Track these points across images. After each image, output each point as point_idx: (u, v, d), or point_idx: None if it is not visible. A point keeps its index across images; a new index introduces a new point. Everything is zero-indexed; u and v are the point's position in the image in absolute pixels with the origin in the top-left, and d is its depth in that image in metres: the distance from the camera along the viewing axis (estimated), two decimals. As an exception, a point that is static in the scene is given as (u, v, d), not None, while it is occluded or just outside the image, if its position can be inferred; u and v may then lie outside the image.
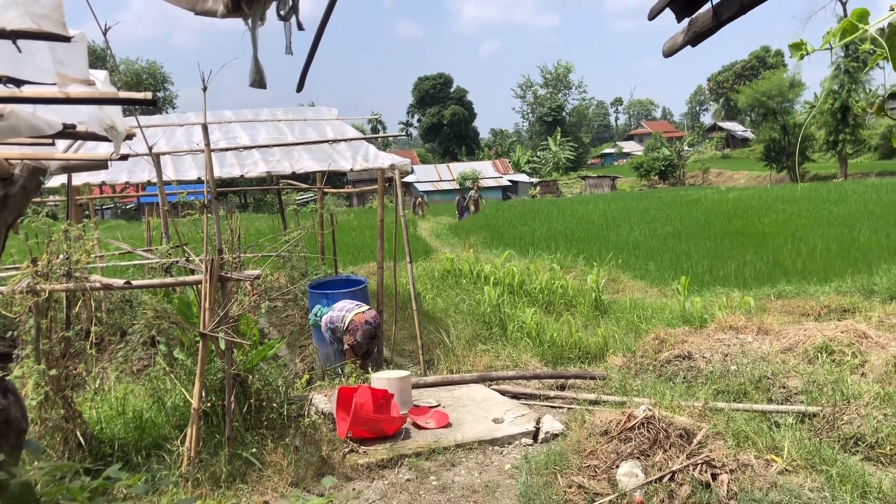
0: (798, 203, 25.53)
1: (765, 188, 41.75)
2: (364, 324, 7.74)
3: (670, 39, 2.03)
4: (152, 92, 3.06)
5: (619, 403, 6.24)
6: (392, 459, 5.52)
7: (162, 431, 5.72)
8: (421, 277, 14.04)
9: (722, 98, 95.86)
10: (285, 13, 1.27)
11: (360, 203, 57.12)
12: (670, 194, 41.17)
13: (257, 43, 1.22)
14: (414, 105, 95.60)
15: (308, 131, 9.98)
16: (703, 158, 74.64)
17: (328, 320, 8.04)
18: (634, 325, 9.72)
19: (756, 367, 6.92)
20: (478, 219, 30.86)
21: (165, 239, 7.09)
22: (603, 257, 14.75)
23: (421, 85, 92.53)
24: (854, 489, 4.65)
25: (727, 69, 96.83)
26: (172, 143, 9.22)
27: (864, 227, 17.72)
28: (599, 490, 4.71)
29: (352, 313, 7.85)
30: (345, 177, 54.08)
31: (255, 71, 1.27)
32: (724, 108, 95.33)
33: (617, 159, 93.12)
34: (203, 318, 5.19)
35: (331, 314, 8.05)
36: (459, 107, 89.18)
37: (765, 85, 58.32)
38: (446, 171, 65.95)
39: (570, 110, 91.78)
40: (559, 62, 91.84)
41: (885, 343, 7.36)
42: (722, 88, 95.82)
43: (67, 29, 2.68)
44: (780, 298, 10.82)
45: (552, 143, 77.05)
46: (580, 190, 64.96)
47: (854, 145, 51.54)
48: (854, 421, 5.71)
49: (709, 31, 1.85)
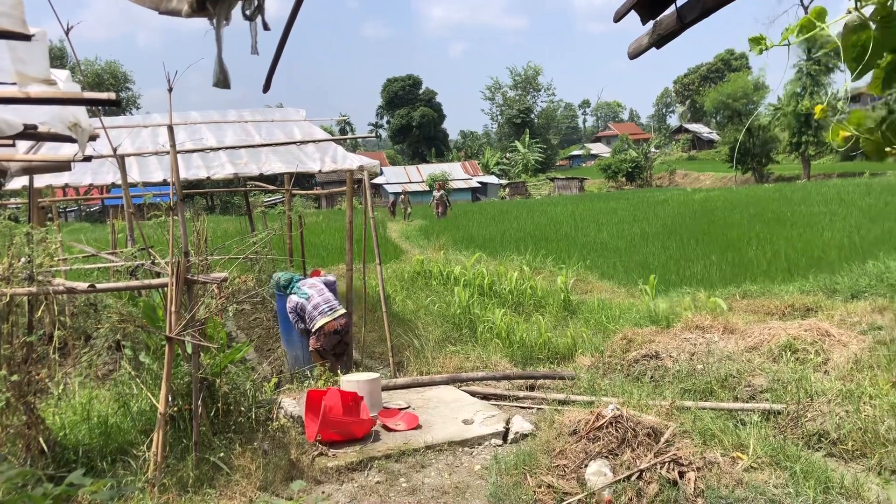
0: (762, 204, 25.93)
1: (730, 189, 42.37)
2: (333, 333, 7.66)
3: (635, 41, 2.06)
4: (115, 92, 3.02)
5: (588, 403, 6.28)
6: (362, 462, 5.50)
7: (128, 437, 5.63)
8: (391, 279, 14.02)
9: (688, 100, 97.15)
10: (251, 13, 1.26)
11: (330, 205, 56.86)
12: (637, 195, 41.60)
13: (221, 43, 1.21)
14: (383, 106, 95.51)
15: (275, 132, 9.90)
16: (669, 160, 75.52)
17: (297, 305, 7.88)
18: (603, 325, 9.79)
19: (722, 365, 7.02)
20: (448, 220, 30.88)
21: (130, 242, 6.99)
22: (571, 258, 14.86)
23: (390, 86, 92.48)
24: (817, 485, 4.73)
25: (693, 72, 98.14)
26: (137, 145, 9.09)
27: (827, 228, 18.05)
28: (568, 489, 4.73)
29: (324, 318, 7.71)
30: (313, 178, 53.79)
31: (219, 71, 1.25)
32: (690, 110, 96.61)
33: (585, 161, 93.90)
34: (169, 321, 5.12)
35: (300, 301, 7.86)
36: (428, 108, 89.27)
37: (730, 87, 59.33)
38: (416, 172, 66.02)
39: (538, 112, 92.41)
40: (528, 64, 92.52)
41: (847, 341, 7.51)
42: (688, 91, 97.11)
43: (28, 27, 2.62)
44: (746, 298, 10.97)
45: (521, 144, 77.45)
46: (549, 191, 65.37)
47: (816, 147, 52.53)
48: (817, 418, 5.81)
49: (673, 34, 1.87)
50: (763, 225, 19.93)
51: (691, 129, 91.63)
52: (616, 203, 33.60)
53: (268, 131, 9.97)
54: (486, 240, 21.03)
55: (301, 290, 7.91)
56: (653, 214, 25.71)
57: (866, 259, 12.04)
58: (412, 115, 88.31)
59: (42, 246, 5.30)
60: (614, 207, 30.46)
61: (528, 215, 29.55)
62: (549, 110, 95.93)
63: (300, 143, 9.39)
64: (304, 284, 8.02)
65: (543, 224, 25.25)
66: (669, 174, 67.28)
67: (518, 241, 20.05)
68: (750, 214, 22.79)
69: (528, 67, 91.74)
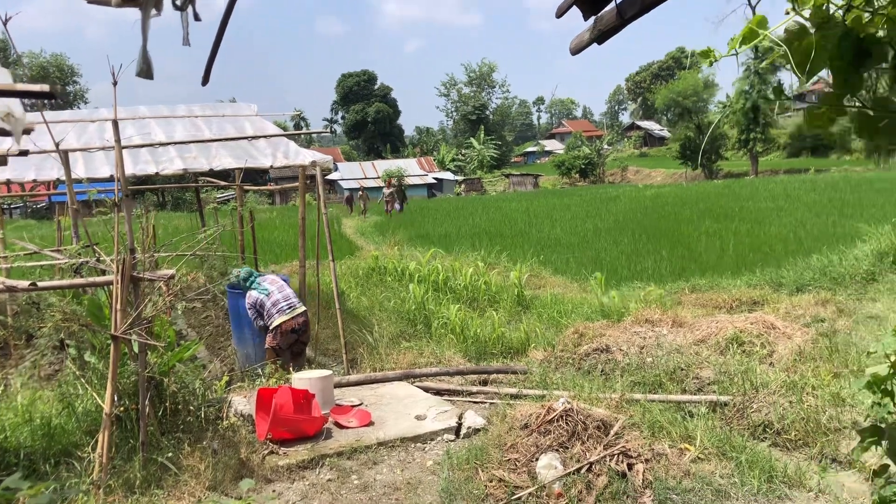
0: (712, 200, 26.43)
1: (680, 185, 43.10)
2: (290, 332, 7.57)
3: (577, 37, 2.07)
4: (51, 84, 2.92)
5: (540, 397, 6.33)
6: (313, 460, 5.46)
7: (73, 438, 5.50)
8: (345, 276, 13.94)
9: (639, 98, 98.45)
10: (181, 3, 1.24)
11: (284, 201, 56.29)
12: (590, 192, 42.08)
13: (147, 33, 1.18)
14: (338, 102, 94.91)
15: (226, 127, 9.77)
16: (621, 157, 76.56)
17: (257, 301, 7.77)
18: (555, 319, 9.88)
19: (671, 358, 7.14)
20: (403, 216, 30.82)
21: (75, 239, 6.82)
22: (525, 254, 14.97)
23: (344, 82, 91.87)
24: (761, 474, 4.85)
25: (644, 69, 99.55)
26: (84, 140, 8.88)
27: (774, 223, 18.48)
28: (520, 483, 4.76)
29: (282, 316, 7.60)
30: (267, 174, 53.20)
31: (143, 61, 1.23)
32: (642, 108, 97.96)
33: (539, 157, 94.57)
34: (115, 319, 5.01)
35: (260, 297, 7.74)
36: (384, 104, 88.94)
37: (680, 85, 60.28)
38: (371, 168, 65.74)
39: (493, 109, 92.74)
40: (483, 61, 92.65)
41: (791, 333, 7.69)
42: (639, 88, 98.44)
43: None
44: (695, 292, 11.17)
45: (476, 141, 77.68)
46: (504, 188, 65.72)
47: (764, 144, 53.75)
48: (762, 409, 5.94)
49: (613, 29, 1.89)
50: (712, 220, 20.32)
51: (643, 126, 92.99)
52: (570, 199, 33.92)
53: (218, 126, 9.83)
54: (442, 236, 21.05)
55: (261, 286, 7.80)
56: (605, 210, 26.02)
57: (811, 253, 12.36)
58: (367, 111, 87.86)
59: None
60: (568, 203, 30.75)
61: (483, 211, 29.67)
62: (503, 107, 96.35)
63: (251, 139, 9.28)
64: (264, 280, 7.91)
65: (498, 220, 25.37)
66: (622, 171, 68.21)
67: (473, 237, 20.12)
68: (699, 210, 23.21)
69: (483, 64, 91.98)
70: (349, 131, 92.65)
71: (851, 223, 15.91)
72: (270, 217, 31.49)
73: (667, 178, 59.11)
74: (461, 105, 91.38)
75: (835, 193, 24.29)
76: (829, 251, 11.91)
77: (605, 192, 39.96)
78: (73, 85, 71.22)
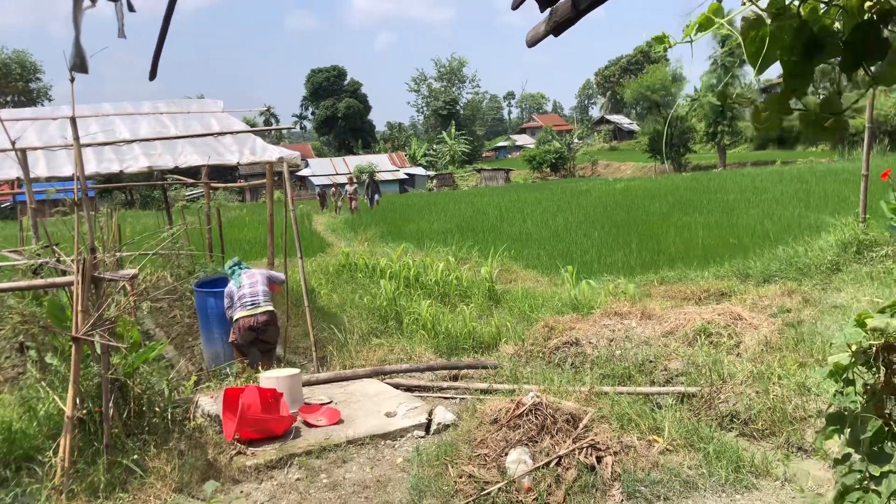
0: (680, 192, 26.66)
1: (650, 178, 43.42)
2: (248, 329, 7.46)
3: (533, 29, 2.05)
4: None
5: (510, 391, 6.33)
6: (281, 459, 5.41)
7: (34, 442, 5.38)
8: (316, 273, 13.84)
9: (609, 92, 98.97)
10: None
11: (254, 198, 55.78)
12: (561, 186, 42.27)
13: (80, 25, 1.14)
14: (307, 97, 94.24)
15: (192, 124, 9.63)
16: (591, 150, 76.89)
17: (229, 291, 7.66)
18: (526, 313, 9.89)
19: (639, 350, 7.18)
20: (375, 213, 30.71)
21: (35, 239, 6.68)
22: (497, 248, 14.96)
23: (314, 77, 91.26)
24: (729, 464, 4.89)
25: (613, 63, 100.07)
26: (45, 138, 8.70)
27: (741, 214, 18.67)
28: (489, 478, 4.76)
29: (242, 311, 7.50)
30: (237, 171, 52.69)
31: (76, 54, 1.18)
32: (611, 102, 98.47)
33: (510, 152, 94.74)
34: (76, 321, 4.92)
35: (233, 287, 7.63)
36: (354, 100, 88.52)
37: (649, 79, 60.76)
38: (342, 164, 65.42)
39: (464, 104, 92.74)
40: (453, 56, 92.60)
41: (758, 324, 7.78)
42: (609, 83, 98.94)
43: None
44: (664, 284, 11.24)
45: (447, 136, 77.67)
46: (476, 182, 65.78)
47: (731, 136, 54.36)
48: (730, 399, 5.99)
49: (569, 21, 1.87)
50: (681, 213, 20.49)
51: (612, 120, 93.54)
52: (541, 193, 34.03)
53: (184, 123, 9.69)
54: (413, 232, 20.99)
55: (239, 278, 7.74)
56: (576, 204, 26.13)
57: (777, 244, 12.50)
58: (337, 107, 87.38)
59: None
60: (539, 198, 30.84)
61: (454, 206, 29.65)
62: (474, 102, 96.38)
63: (217, 135, 9.16)
64: (244, 273, 7.82)
65: (470, 215, 25.37)
66: (592, 164, 68.55)
67: (445, 232, 20.08)
68: (668, 203, 23.39)
69: (453, 59, 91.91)
70: (319, 127, 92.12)
71: (816, 214, 16.13)
72: (240, 214, 31.20)
73: (636, 171, 59.51)
74: (432, 100, 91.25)
75: (800, 185, 24.60)
76: (795, 242, 12.04)
77: (576, 185, 40.17)
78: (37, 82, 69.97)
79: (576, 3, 1.79)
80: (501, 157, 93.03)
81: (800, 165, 39.63)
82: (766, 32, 2.02)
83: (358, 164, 63.74)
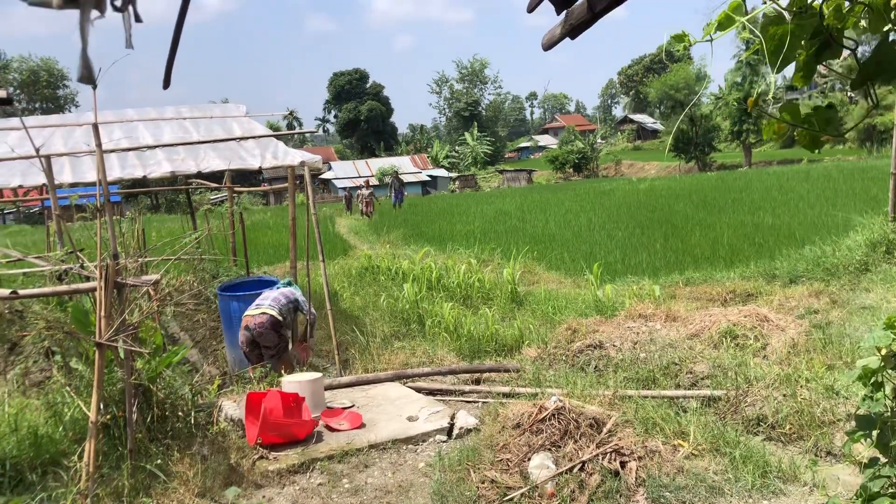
0: (705, 192, 26.40)
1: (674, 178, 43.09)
2: (244, 328, 7.49)
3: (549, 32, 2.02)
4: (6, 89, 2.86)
5: (533, 395, 6.28)
6: (303, 464, 5.40)
7: (60, 447, 5.43)
8: (338, 276, 13.88)
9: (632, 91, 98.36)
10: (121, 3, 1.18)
11: (278, 201, 56.17)
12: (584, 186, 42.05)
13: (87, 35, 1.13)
14: (330, 101, 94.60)
15: (215, 129, 9.70)
16: (615, 150, 76.49)
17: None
18: (549, 316, 9.82)
19: (664, 353, 7.10)
20: (396, 215, 30.73)
21: (59, 245, 6.75)
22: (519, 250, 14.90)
23: (336, 80, 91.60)
24: (755, 469, 4.81)
25: (636, 62, 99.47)
26: (70, 144, 8.81)
27: (767, 214, 18.45)
28: (512, 484, 4.72)
29: (248, 311, 7.62)
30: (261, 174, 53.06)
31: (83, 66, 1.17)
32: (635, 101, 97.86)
33: (533, 153, 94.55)
34: (99, 326, 4.95)
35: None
36: (376, 102, 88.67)
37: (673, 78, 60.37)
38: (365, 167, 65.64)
39: (486, 105, 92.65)
40: (475, 57, 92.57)
41: (785, 326, 7.66)
42: (632, 82, 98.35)
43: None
44: (689, 285, 11.12)
45: (469, 137, 77.61)
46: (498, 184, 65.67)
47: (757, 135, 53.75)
48: (756, 403, 5.90)
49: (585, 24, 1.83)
50: (706, 213, 20.29)
51: (636, 119, 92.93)
52: (563, 194, 33.88)
53: (207, 128, 9.77)
54: (435, 234, 20.98)
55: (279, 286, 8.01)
56: (599, 205, 25.96)
57: (804, 244, 12.32)
58: (360, 110, 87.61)
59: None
60: (561, 198, 30.70)
61: (477, 208, 29.59)
62: (496, 103, 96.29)
63: (239, 140, 9.21)
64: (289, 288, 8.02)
65: (492, 216, 25.31)
66: (615, 164, 68.18)
67: (467, 234, 20.05)
68: (693, 203, 23.17)
69: (475, 60, 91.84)
70: (342, 130, 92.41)
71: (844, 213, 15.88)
72: (263, 218, 31.41)
73: (661, 170, 59.08)
74: (454, 102, 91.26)
75: (828, 183, 24.26)
76: (823, 242, 11.86)
77: (599, 186, 39.93)
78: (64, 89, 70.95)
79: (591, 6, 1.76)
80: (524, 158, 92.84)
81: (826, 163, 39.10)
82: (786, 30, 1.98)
83: (381, 166, 63.91)
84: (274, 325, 7.52)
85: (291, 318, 7.83)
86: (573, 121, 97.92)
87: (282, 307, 7.66)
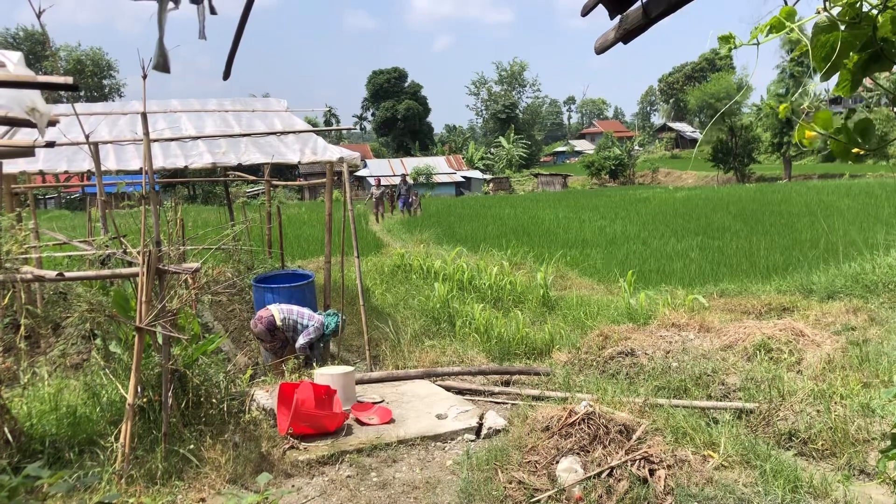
0: (743, 203, 26.09)
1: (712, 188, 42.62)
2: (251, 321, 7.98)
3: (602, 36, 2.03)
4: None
5: (562, 399, 6.28)
6: (333, 456, 5.47)
7: (97, 427, 5.57)
8: (371, 272, 13.98)
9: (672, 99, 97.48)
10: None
11: (313, 196, 56.58)
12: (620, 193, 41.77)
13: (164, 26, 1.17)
14: (368, 99, 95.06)
15: (255, 123, 9.82)
16: (652, 158, 75.89)
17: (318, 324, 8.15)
18: (580, 321, 9.79)
19: (696, 363, 7.04)
20: (429, 215, 30.79)
21: (103, 230, 6.90)
22: (552, 254, 14.86)
23: (375, 79, 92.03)
24: (786, 484, 4.75)
25: (677, 70, 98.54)
26: (115, 132, 8.99)
27: (806, 228, 18.19)
28: (539, 485, 4.72)
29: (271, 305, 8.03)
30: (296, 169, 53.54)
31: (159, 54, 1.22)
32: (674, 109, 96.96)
33: (569, 157, 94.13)
34: (140, 311, 5.06)
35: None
36: (413, 101, 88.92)
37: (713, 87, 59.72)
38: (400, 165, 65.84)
39: (523, 108, 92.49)
40: (514, 59, 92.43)
41: (821, 341, 7.55)
42: (672, 90, 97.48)
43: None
44: (724, 297, 11.01)
45: (505, 140, 77.54)
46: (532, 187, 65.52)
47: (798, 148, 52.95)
48: (789, 417, 5.84)
49: (639, 28, 1.85)
50: (743, 224, 20.06)
51: (675, 127, 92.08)
52: (598, 200, 33.69)
53: (248, 121, 9.89)
54: (468, 234, 21.00)
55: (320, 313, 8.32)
56: (634, 212, 25.79)
57: (843, 260, 12.12)
58: (397, 108, 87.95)
59: (10, 233, 5.21)
60: (597, 204, 30.54)
61: (510, 211, 29.56)
62: (534, 106, 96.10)
63: (280, 134, 9.32)
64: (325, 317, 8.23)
65: (525, 220, 25.27)
66: (652, 172, 67.63)
67: (499, 236, 20.05)
68: (731, 213, 22.92)
69: (514, 63, 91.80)
70: (379, 128, 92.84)
71: (886, 230, 15.60)
72: (299, 212, 31.68)
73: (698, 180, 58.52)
74: (491, 104, 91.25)
75: (869, 199, 23.84)
76: (862, 258, 11.67)
77: (635, 193, 39.64)
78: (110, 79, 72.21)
79: (647, 11, 1.77)
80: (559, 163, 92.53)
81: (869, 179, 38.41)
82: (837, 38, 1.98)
83: (415, 165, 64.08)
84: (269, 325, 7.84)
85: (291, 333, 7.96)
86: (611, 127, 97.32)
87: (287, 317, 7.93)
